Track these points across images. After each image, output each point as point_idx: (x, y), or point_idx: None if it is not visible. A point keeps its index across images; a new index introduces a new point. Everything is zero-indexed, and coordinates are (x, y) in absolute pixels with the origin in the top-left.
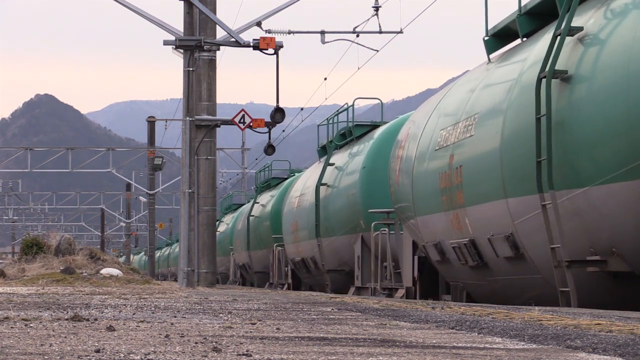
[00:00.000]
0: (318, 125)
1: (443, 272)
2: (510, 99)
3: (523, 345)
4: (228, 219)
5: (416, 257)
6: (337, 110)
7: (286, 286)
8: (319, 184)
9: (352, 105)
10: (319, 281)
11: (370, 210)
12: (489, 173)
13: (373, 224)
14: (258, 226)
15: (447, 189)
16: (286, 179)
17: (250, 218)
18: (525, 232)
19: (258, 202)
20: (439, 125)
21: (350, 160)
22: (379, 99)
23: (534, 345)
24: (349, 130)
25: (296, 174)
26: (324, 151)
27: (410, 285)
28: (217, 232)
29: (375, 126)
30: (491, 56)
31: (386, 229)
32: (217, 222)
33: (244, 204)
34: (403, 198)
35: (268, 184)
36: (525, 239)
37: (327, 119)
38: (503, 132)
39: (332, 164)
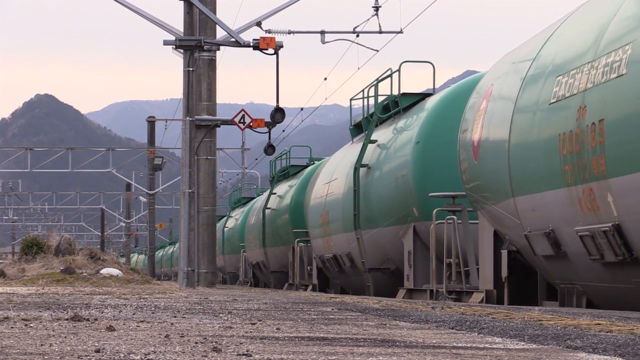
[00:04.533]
0: (351, 99)
1: (550, 271)
2: None
3: (523, 345)
4: (237, 213)
5: (504, 252)
6: (377, 79)
7: (310, 287)
8: (358, 165)
9: (399, 69)
10: (353, 282)
11: (431, 195)
12: None
13: (435, 210)
14: (275, 220)
15: (573, 155)
16: (306, 166)
17: (266, 211)
18: None
19: (275, 193)
20: (553, 70)
21: (396, 136)
22: (430, 62)
23: (534, 345)
24: (393, 101)
25: (316, 162)
26: (358, 130)
27: (490, 288)
28: (225, 228)
29: (425, 96)
30: None
31: (452, 218)
32: (225, 218)
33: (254, 198)
34: (486, 175)
35: (286, 173)
36: None
37: (363, 90)
38: None
39: (374, 141)
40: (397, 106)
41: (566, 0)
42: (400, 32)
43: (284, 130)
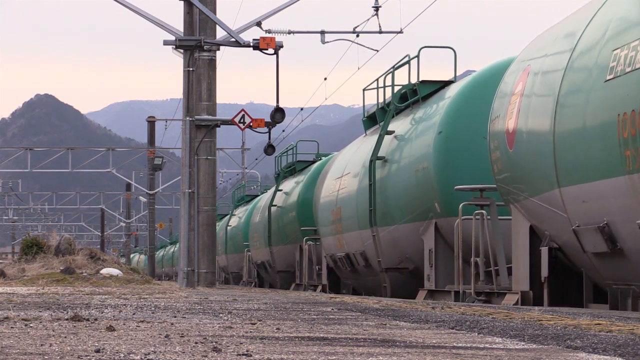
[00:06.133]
0: (364, 90)
1: (601, 270)
2: None
3: (523, 345)
4: (241, 211)
5: (544, 249)
6: (394, 66)
7: (320, 288)
8: (374, 157)
9: (417, 56)
10: (367, 282)
11: (457, 187)
12: None
13: (461, 205)
14: (282, 217)
15: (636, 138)
16: (314, 162)
17: (272, 208)
18: None
19: (280, 190)
20: (608, 43)
21: (415, 127)
22: (451, 48)
23: (534, 345)
24: (411, 90)
25: (323, 158)
26: (371, 122)
27: (526, 289)
28: (228, 227)
29: (445, 84)
30: None
31: (481, 212)
32: (228, 216)
33: (257, 195)
34: (524, 164)
35: (292, 169)
36: None
37: (378, 79)
38: None
39: (391, 132)
40: (415, 95)
41: (566, 1)
42: (400, 32)
43: (284, 130)
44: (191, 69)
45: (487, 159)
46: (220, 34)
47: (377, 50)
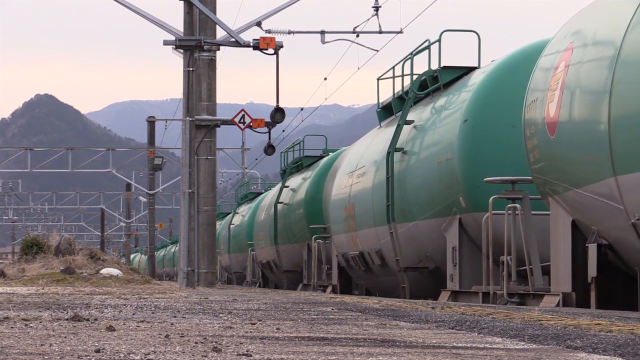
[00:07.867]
0: (378, 79)
1: None
2: None
3: (523, 345)
4: (244, 209)
5: (593, 246)
6: (412, 52)
7: (330, 289)
8: (392, 149)
9: (439, 40)
10: (383, 283)
11: (487, 179)
12: None
13: (492, 198)
14: (289, 215)
15: None
16: (321, 157)
17: (279, 206)
18: None
19: (287, 187)
20: None
21: (436, 116)
22: (475, 32)
23: (534, 345)
24: (432, 77)
25: (331, 154)
26: (386, 113)
27: (568, 290)
28: (231, 225)
29: (469, 70)
30: None
31: (515, 206)
32: (231, 214)
33: (261, 193)
34: (569, 152)
35: (299, 164)
36: None
37: (394, 67)
38: None
39: (410, 122)
40: (435, 82)
41: (564, 2)
42: (400, 32)
43: (284, 130)
44: (191, 69)
45: (516, 150)
46: (220, 34)
47: (377, 50)
